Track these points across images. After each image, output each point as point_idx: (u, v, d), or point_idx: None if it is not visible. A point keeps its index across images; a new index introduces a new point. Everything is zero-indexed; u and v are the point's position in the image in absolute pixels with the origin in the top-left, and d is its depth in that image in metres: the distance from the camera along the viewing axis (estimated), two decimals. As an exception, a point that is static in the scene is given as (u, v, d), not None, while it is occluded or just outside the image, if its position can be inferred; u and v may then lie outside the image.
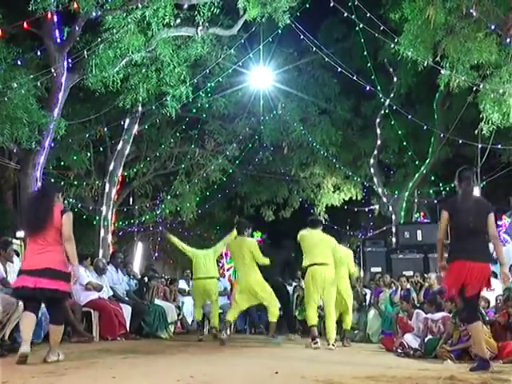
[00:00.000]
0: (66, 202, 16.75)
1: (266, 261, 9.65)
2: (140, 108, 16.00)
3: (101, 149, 17.09)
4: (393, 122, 18.39)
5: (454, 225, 6.60)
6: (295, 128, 18.75)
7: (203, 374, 5.67)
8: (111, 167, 16.48)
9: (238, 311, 10.02)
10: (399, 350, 8.41)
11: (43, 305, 6.73)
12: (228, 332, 10.17)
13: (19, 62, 11.47)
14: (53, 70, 11.90)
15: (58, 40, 12.40)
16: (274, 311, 9.74)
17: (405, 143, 18.84)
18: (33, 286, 6.28)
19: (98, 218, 16.38)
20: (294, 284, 13.90)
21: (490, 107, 11.69)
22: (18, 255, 9.64)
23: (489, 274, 6.59)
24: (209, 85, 15.97)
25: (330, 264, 9.39)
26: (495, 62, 11.48)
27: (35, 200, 6.83)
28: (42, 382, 5.11)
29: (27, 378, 5.22)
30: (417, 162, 19.21)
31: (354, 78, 14.49)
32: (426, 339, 8.29)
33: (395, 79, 19.00)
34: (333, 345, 9.08)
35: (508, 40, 11.28)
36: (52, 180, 15.90)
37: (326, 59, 14.79)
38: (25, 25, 11.18)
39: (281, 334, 10.70)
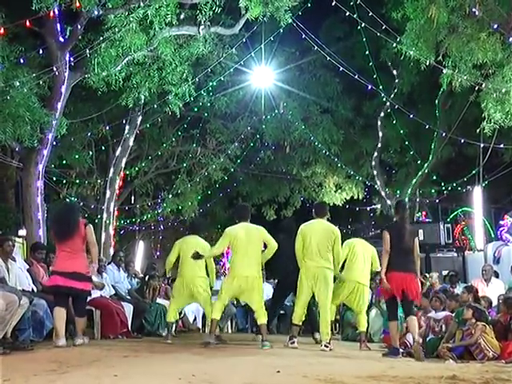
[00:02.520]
0: (67, 200, 16.81)
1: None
2: (142, 107, 16.01)
3: (103, 147, 17.11)
4: (395, 122, 18.38)
5: (393, 244, 8.27)
6: (297, 127, 18.74)
7: (204, 372, 5.67)
8: (113, 166, 16.50)
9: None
10: (401, 350, 8.41)
11: (44, 304, 7.91)
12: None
13: (21, 61, 11.52)
14: (55, 69, 11.92)
15: (60, 39, 12.43)
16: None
17: (406, 142, 18.84)
18: (63, 284, 7.86)
19: (99, 216, 16.40)
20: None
21: (492, 106, 11.68)
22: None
23: (417, 282, 8.16)
24: (210, 84, 15.98)
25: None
26: (499, 61, 11.46)
27: (65, 213, 8.41)
28: (44, 380, 5.11)
29: (29, 376, 5.22)
30: (418, 162, 19.21)
31: (356, 77, 14.49)
32: (428, 339, 8.29)
33: (397, 78, 19.00)
34: (326, 346, 8.51)
35: (511, 39, 11.27)
36: (54, 178, 15.95)
37: (328, 58, 14.79)
38: (27, 23, 11.19)
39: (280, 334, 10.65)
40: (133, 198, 20.75)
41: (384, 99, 17.82)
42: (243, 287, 8.69)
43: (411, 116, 16.35)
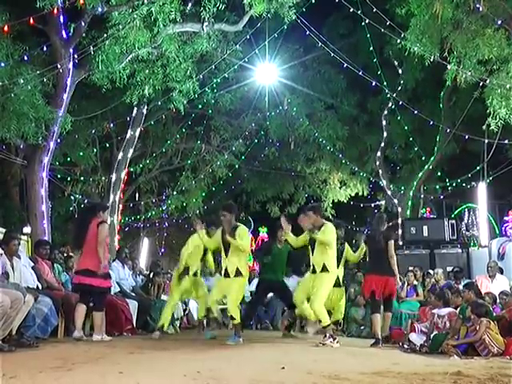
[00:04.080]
0: (71, 197, 16.85)
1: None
2: (146, 104, 16.01)
3: (107, 145, 17.13)
4: (399, 118, 18.36)
5: (369, 250, 9.62)
6: (301, 124, 18.72)
7: (209, 369, 5.68)
8: (117, 163, 16.52)
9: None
10: (406, 346, 8.41)
11: (49, 301, 8.13)
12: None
13: (25, 58, 11.52)
14: (59, 66, 11.93)
15: (64, 36, 12.44)
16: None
17: (411, 139, 18.82)
18: (83, 282, 8.50)
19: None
20: (298, 279, 13.87)
21: (497, 102, 11.63)
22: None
23: (392, 282, 9.25)
24: (215, 81, 15.98)
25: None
26: (503, 56, 11.43)
27: (77, 219, 10.03)
28: (50, 377, 5.12)
29: (35, 373, 5.24)
30: (423, 158, 19.19)
31: (360, 73, 14.47)
32: (432, 335, 8.28)
33: (401, 75, 18.96)
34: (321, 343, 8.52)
35: (515, 35, 11.25)
36: (58, 176, 15.97)
37: (332, 55, 14.77)
38: (31, 21, 11.19)
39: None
40: (137, 195, 20.75)
41: (388, 95, 17.78)
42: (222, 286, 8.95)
43: (415, 112, 16.32)
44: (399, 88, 18.81)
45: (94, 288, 8.53)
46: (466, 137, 16.12)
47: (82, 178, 17.08)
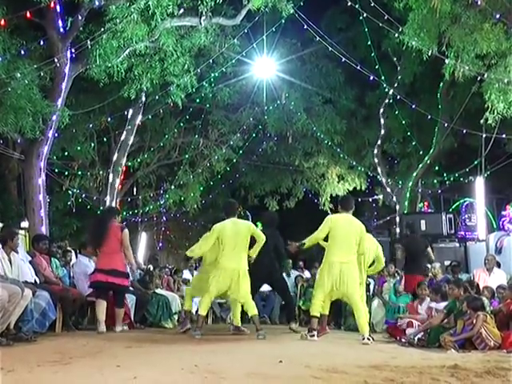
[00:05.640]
0: (69, 192, 16.85)
1: None
2: (144, 98, 16.00)
3: (105, 139, 17.12)
4: (397, 112, 18.34)
5: (409, 252, 10.65)
6: (299, 118, 18.69)
7: (207, 363, 5.69)
8: (115, 157, 16.54)
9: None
10: (403, 340, 8.43)
11: (47, 296, 8.28)
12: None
13: (22, 53, 11.50)
14: (56, 60, 11.90)
15: (62, 30, 12.43)
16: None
17: (409, 133, 18.81)
18: (105, 280, 9.06)
19: (102, 208, 16.44)
20: (296, 273, 13.92)
21: (495, 97, 11.64)
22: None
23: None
24: (212, 75, 15.96)
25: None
26: (502, 51, 11.42)
27: (98, 221, 10.33)
28: (48, 371, 5.13)
29: (33, 367, 5.25)
30: (421, 152, 19.16)
31: (358, 67, 14.47)
32: (429, 328, 8.29)
33: (399, 69, 18.93)
34: (368, 338, 8.32)
35: (513, 29, 11.25)
36: (56, 170, 15.96)
37: (330, 49, 14.76)
38: (28, 15, 11.18)
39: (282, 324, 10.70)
40: (135, 189, 20.75)
41: (386, 89, 17.77)
42: (231, 280, 8.81)
43: (413, 106, 16.33)
44: (397, 82, 18.79)
45: (117, 286, 9.22)
46: (464, 131, 16.11)
47: (79, 173, 17.06)
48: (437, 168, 19.83)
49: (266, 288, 11.66)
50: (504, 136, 15.34)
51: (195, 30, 13.51)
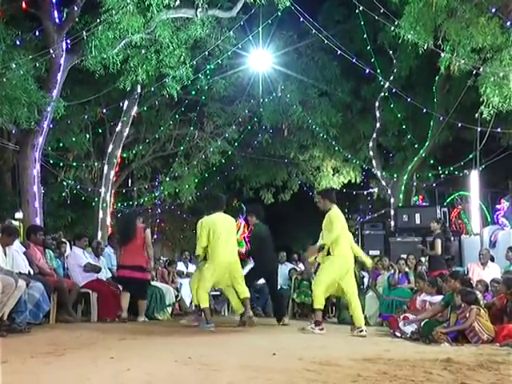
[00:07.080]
0: (64, 183, 16.83)
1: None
2: (139, 90, 15.96)
3: (100, 130, 17.08)
4: (392, 105, 18.35)
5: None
6: (295, 110, 18.66)
7: (201, 355, 5.71)
8: (110, 149, 16.51)
9: None
10: (397, 333, 8.45)
11: (41, 287, 8.27)
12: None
13: (18, 43, 11.45)
14: (51, 51, 11.86)
15: (57, 21, 12.38)
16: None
17: (404, 126, 18.82)
18: (129, 275, 9.93)
19: (96, 199, 16.43)
20: (291, 266, 13.92)
21: (490, 91, 11.63)
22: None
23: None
24: (208, 67, 15.93)
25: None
26: (497, 45, 11.42)
27: (127, 222, 11.02)
28: (41, 362, 5.14)
29: (26, 358, 5.26)
30: (416, 146, 19.17)
31: (354, 60, 14.46)
32: (423, 322, 8.33)
33: (395, 62, 18.92)
34: (361, 330, 8.58)
35: (509, 23, 11.23)
36: (51, 161, 15.93)
37: (326, 42, 14.72)
38: (23, 5, 11.14)
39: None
40: (130, 181, 20.73)
41: (382, 83, 17.76)
42: (228, 272, 9.16)
43: (409, 100, 16.32)
44: (393, 75, 18.78)
45: (141, 280, 10.09)
46: (459, 125, 16.12)
47: (74, 164, 17.03)
48: (432, 161, 19.85)
49: (260, 281, 11.65)
50: (499, 130, 15.36)
51: (191, 21, 13.45)
